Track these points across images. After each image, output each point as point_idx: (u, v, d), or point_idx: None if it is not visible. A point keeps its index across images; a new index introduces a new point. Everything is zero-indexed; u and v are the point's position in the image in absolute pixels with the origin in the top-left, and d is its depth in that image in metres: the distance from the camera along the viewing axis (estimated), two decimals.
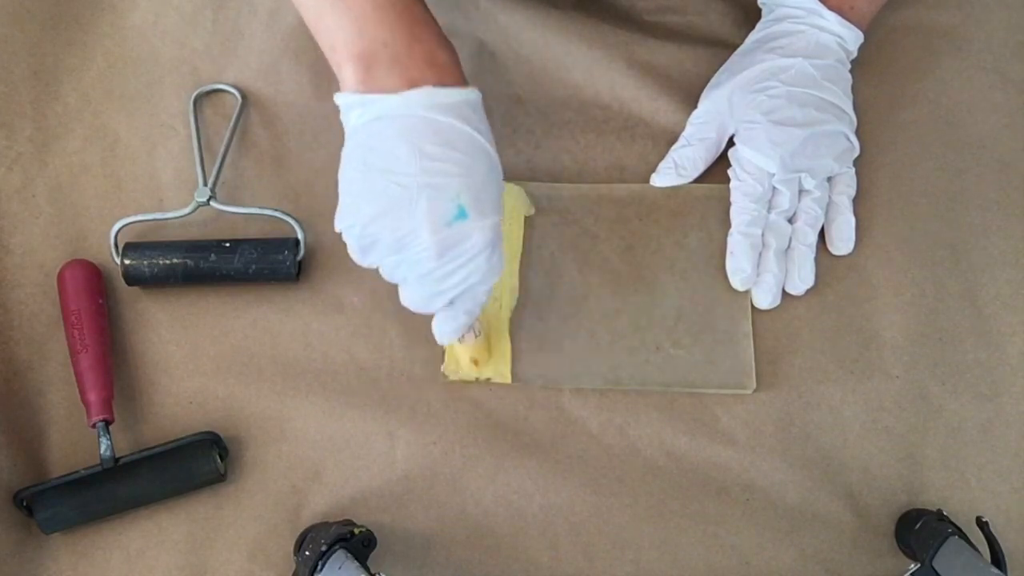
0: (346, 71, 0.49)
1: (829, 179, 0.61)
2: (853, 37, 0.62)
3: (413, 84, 0.48)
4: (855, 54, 0.63)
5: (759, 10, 0.65)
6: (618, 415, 0.59)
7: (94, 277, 0.60)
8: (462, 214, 0.47)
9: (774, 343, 0.60)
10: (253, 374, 0.60)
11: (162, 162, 0.65)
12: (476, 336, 0.57)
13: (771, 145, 0.59)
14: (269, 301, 0.62)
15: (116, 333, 0.61)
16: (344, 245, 0.62)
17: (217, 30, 0.68)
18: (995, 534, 0.51)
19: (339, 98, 0.50)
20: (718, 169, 0.63)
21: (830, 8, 0.61)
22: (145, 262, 0.60)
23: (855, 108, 0.62)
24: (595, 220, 0.62)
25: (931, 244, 0.62)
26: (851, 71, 0.62)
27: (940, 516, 0.53)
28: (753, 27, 0.65)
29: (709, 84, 0.64)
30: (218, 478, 0.57)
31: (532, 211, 0.63)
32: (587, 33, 0.67)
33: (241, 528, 0.57)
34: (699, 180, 0.63)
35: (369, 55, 0.49)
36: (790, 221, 0.60)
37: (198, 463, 0.57)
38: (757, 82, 0.60)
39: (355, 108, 0.49)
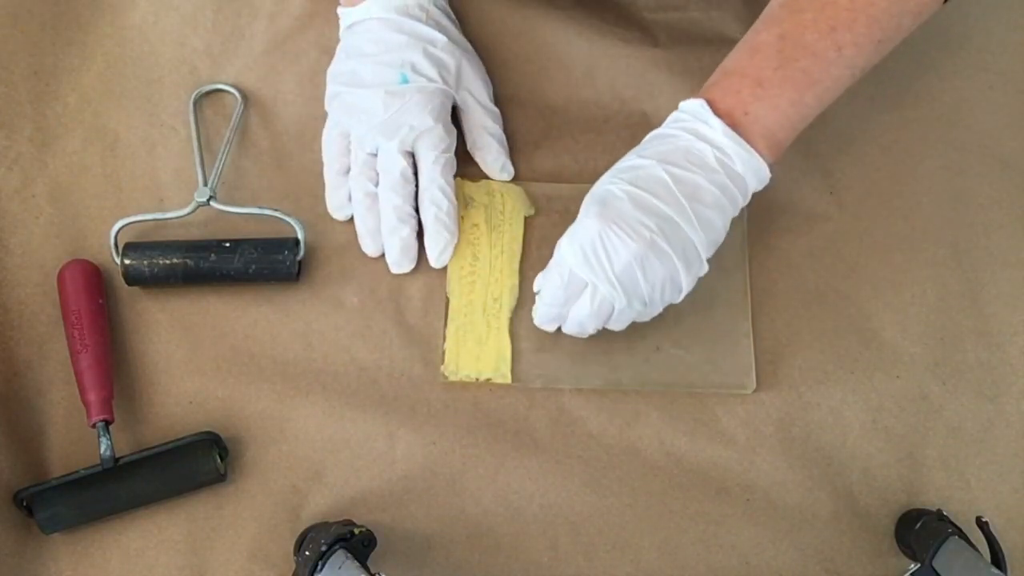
0: None
1: None
2: (743, 157, 0.52)
3: None
4: (754, 186, 0.54)
5: (761, 5, 0.65)
6: (618, 415, 0.59)
7: (94, 277, 0.60)
8: (404, 80, 0.60)
9: (774, 343, 0.60)
10: (253, 374, 0.60)
11: (162, 162, 0.65)
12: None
13: (593, 255, 0.52)
14: (269, 301, 0.62)
15: (116, 333, 0.61)
16: (345, 245, 0.63)
17: (217, 30, 0.68)
18: (995, 534, 0.51)
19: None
20: None
21: (718, 112, 0.52)
22: (145, 262, 0.60)
23: (851, 115, 0.61)
24: None
25: (932, 243, 0.62)
26: None
27: (940, 516, 0.53)
28: (754, 23, 0.64)
29: None
30: (218, 478, 0.57)
31: (532, 211, 0.63)
32: (587, 32, 0.67)
33: (241, 528, 0.57)
34: None
35: None
36: None
37: (198, 463, 0.57)
38: (605, 180, 0.55)
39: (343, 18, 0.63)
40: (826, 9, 0.53)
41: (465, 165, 0.64)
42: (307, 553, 0.51)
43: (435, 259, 0.61)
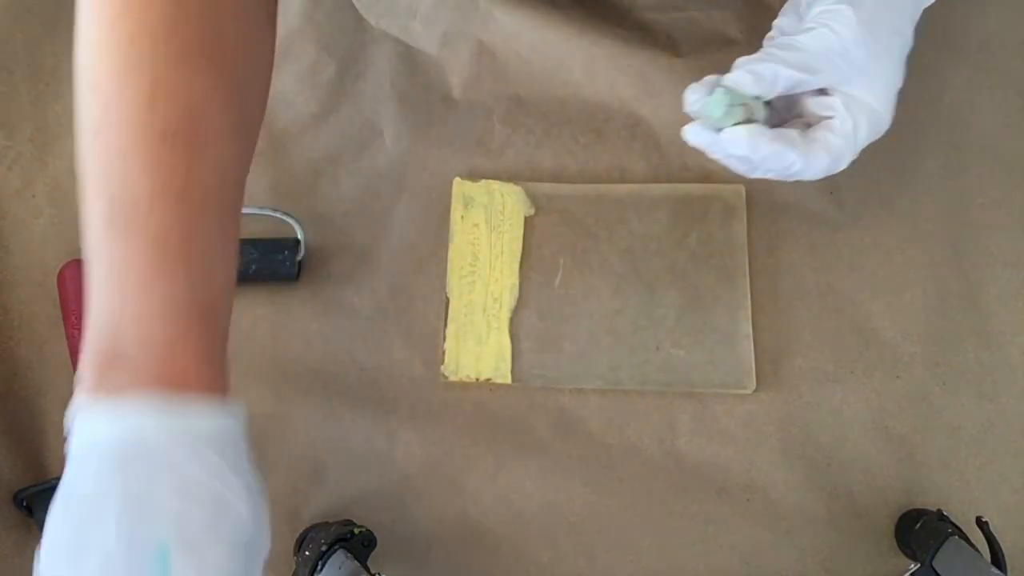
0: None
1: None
2: None
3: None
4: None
5: (761, 4, 0.65)
6: (618, 415, 0.59)
7: None
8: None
9: (774, 343, 0.60)
10: (253, 374, 0.60)
11: None
12: None
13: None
14: (269, 301, 0.62)
15: None
16: (345, 245, 0.63)
17: None
18: (995, 534, 0.51)
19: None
20: (719, 169, 0.63)
21: None
22: None
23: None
24: (595, 220, 0.62)
25: (932, 244, 0.62)
26: None
27: (940, 516, 0.53)
28: (755, 22, 0.64)
29: None
30: None
31: (532, 211, 0.63)
32: (587, 32, 0.67)
33: None
34: (699, 180, 0.63)
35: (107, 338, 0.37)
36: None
37: None
38: None
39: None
40: None
41: (465, 164, 0.64)
42: (307, 553, 0.51)
43: None
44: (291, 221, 0.62)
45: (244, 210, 0.61)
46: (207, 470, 0.36)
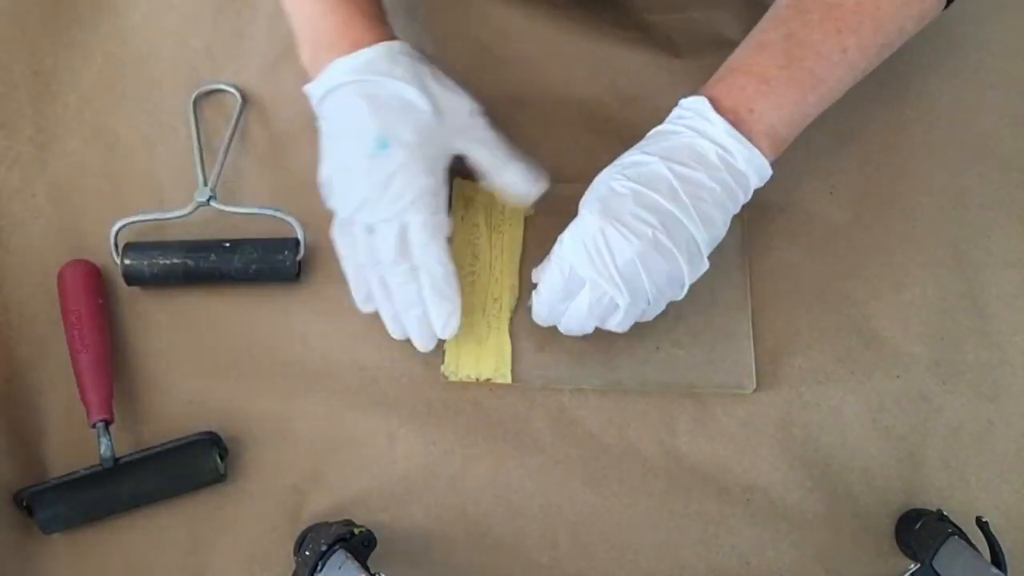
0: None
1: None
2: (745, 155, 0.52)
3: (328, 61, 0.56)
4: (756, 183, 0.53)
5: (761, 6, 0.65)
6: (618, 415, 0.59)
7: (94, 277, 0.60)
8: (382, 146, 0.55)
9: (774, 343, 0.60)
10: (253, 374, 0.60)
11: (162, 162, 0.65)
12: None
13: (595, 252, 0.51)
14: (269, 301, 0.62)
15: (116, 333, 0.61)
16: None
17: (217, 30, 0.68)
18: (995, 534, 0.51)
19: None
20: None
21: (721, 111, 0.52)
22: (145, 262, 0.60)
23: (852, 120, 0.61)
24: None
25: (932, 243, 0.62)
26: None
27: (940, 516, 0.53)
28: (755, 24, 0.64)
29: None
30: (218, 478, 0.57)
31: (532, 211, 0.63)
32: (587, 32, 0.67)
33: (241, 528, 0.57)
34: None
35: (309, 42, 0.58)
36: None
37: (198, 463, 0.57)
38: (606, 176, 0.54)
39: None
40: (832, 11, 0.53)
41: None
42: (307, 553, 0.51)
43: (440, 330, 0.56)
44: (291, 221, 0.62)
45: (244, 210, 0.62)
46: (405, 69, 0.56)
